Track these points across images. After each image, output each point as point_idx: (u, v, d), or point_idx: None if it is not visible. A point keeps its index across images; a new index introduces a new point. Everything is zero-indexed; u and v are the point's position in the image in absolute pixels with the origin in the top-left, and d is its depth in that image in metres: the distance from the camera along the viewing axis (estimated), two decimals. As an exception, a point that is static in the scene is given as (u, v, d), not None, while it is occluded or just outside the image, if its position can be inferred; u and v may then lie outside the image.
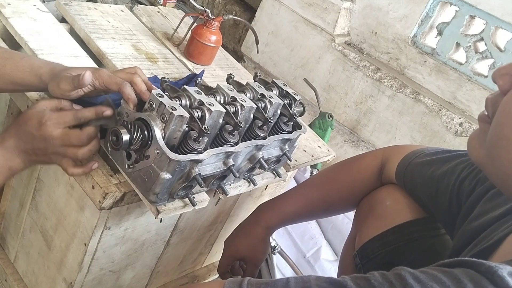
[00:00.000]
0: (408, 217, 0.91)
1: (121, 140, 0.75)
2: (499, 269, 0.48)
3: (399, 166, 0.94)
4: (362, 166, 1.03)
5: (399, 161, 0.94)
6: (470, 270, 0.49)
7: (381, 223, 0.92)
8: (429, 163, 0.89)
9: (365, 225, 0.95)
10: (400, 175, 0.93)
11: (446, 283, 0.48)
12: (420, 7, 1.76)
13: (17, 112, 1.00)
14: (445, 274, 0.49)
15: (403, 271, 0.50)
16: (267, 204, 1.10)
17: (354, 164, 1.06)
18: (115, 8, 1.31)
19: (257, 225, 1.06)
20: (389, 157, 0.99)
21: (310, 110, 2.00)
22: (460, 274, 0.49)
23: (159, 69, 1.16)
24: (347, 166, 1.07)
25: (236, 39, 2.31)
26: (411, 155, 0.94)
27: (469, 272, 0.49)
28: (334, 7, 1.87)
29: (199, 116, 0.80)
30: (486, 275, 0.48)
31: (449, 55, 1.76)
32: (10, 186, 1.10)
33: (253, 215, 1.09)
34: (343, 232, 1.62)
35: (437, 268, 0.51)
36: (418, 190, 0.89)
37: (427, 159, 0.90)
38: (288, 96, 1.00)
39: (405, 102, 1.77)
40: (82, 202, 0.90)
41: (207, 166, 0.83)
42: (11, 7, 1.06)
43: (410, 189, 0.92)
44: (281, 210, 1.06)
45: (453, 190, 0.81)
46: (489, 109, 0.57)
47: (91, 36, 1.12)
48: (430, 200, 0.87)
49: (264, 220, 1.06)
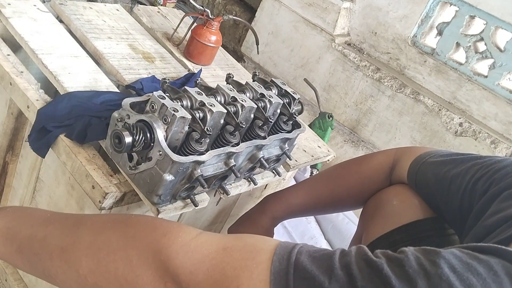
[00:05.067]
0: (415, 216, 0.90)
1: (123, 142, 0.75)
2: None
3: (412, 164, 0.93)
4: (373, 164, 1.03)
5: (412, 160, 0.94)
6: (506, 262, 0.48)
7: (387, 222, 0.91)
8: (443, 163, 0.89)
9: (372, 224, 0.95)
10: (413, 173, 0.93)
11: (482, 275, 0.47)
12: (420, 7, 1.76)
13: (17, 112, 1.00)
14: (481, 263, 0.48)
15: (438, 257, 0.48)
16: (274, 195, 1.09)
17: (365, 161, 1.05)
18: (110, 7, 1.31)
19: (264, 214, 1.06)
20: (401, 157, 0.98)
21: (310, 110, 2.00)
22: (496, 265, 0.48)
23: (157, 69, 1.16)
24: (358, 163, 1.06)
25: (236, 39, 2.31)
26: (425, 155, 0.93)
27: (505, 264, 0.48)
28: (334, 7, 1.87)
29: (200, 117, 0.80)
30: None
31: (449, 55, 1.76)
32: (10, 186, 1.10)
33: (260, 205, 1.09)
34: (343, 232, 1.62)
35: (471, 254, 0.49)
36: (430, 188, 0.89)
37: (441, 159, 0.90)
38: (287, 95, 1.00)
39: (405, 102, 1.77)
40: (82, 202, 0.90)
41: (209, 167, 0.83)
42: (11, 7, 1.06)
43: (422, 187, 0.91)
44: (288, 202, 1.06)
45: (466, 190, 0.81)
46: None
47: (87, 36, 1.12)
48: (441, 199, 0.87)
49: (270, 210, 1.06)
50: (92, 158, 0.87)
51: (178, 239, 0.59)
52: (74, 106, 0.90)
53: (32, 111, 0.92)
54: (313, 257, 0.52)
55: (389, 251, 0.52)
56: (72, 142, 0.87)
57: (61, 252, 0.63)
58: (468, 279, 0.46)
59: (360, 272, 0.49)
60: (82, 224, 0.66)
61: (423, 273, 0.47)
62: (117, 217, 0.68)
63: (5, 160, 1.07)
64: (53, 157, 0.91)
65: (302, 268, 0.51)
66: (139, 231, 0.62)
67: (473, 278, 0.46)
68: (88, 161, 0.85)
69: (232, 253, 0.55)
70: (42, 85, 0.98)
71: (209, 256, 0.56)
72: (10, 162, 1.07)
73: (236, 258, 0.54)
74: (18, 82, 0.95)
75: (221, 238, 0.59)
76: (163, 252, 0.58)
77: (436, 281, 0.46)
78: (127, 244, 0.61)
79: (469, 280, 0.46)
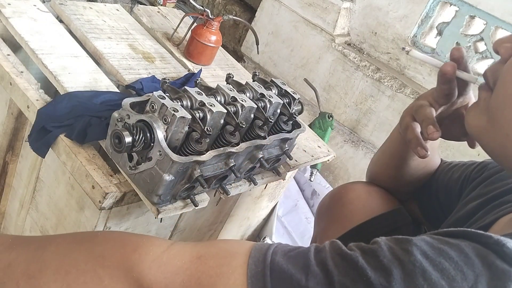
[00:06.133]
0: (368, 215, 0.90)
1: (123, 142, 0.75)
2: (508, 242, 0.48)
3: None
4: None
5: None
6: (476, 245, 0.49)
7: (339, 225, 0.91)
8: None
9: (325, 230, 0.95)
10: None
11: (454, 258, 0.48)
12: (420, 7, 1.76)
13: (17, 112, 1.00)
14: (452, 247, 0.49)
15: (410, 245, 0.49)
16: None
17: None
18: (110, 7, 1.31)
19: None
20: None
21: (310, 110, 2.00)
22: (466, 248, 0.49)
23: (157, 69, 1.16)
24: None
25: (236, 39, 2.31)
26: None
27: (475, 247, 0.49)
28: (334, 7, 1.87)
29: (200, 117, 0.80)
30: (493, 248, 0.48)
31: (449, 55, 1.76)
32: (10, 186, 1.10)
33: None
34: (343, 232, 1.62)
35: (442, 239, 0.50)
36: None
37: None
38: (287, 95, 1.00)
39: (405, 102, 1.77)
40: (82, 202, 0.90)
41: (209, 167, 0.83)
42: (11, 7, 1.06)
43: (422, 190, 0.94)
44: None
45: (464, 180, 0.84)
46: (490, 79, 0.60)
47: (87, 36, 1.12)
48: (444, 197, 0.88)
49: None
50: (92, 158, 0.87)
51: (149, 253, 0.57)
52: (74, 106, 0.90)
53: (32, 111, 0.92)
54: (288, 256, 0.52)
55: (363, 243, 0.52)
56: (72, 142, 0.87)
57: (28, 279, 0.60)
58: (440, 263, 0.47)
59: (336, 266, 0.49)
60: (47, 247, 0.63)
61: (397, 262, 0.48)
62: (82, 236, 0.65)
63: (5, 160, 1.07)
64: (53, 157, 0.91)
65: (278, 268, 0.51)
66: (107, 248, 0.59)
67: (446, 262, 0.47)
68: (88, 161, 0.85)
69: (206, 261, 0.54)
70: (42, 85, 0.98)
71: (183, 267, 0.55)
72: (10, 162, 1.07)
73: (211, 266, 0.53)
74: (18, 82, 0.95)
75: (193, 247, 0.57)
76: (135, 269, 0.56)
77: (410, 268, 0.47)
78: (96, 264, 0.58)
79: (441, 264, 0.47)
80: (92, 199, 0.83)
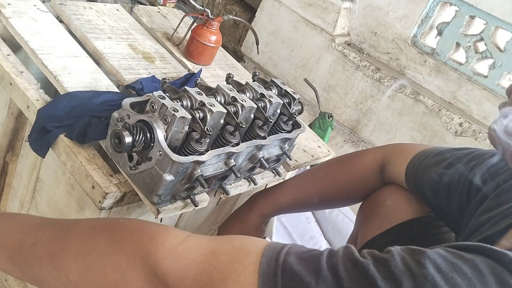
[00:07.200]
0: (409, 215, 0.91)
1: (123, 143, 0.75)
2: None
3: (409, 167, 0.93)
4: (363, 163, 1.03)
5: (408, 162, 0.94)
6: (491, 261, 0.48)
7: (382, 222, 0.92)
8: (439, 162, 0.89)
9: (367, 225, 0.96)
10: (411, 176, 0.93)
11: (468, 274, 0.47)
12: (420, 7, 1.76)
13: (17, 112, 1.00)
14: (466, 262, 0.48)
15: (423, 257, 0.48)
16: (262, 192, 1.10)
17: (355, 160, 1.06)
18: (110, 7, 1.31)
19: (251, 212, 1.06)
20: (391, 157, 0.99)
21: (310, 110, 2.00)
22: (481, 264, 0.47)
23: (157, 69, 1.16)
24: (347, 162, 1.07)
25: (236, 39, 2.31)
26: (420, 156, 0.93)
27: (490, 264, 0.48)
28: (334, 7, 1.87)
29: (200, 117, 0.80)
30: (508, 267, 0.47)
31: (449, 55, 1.76)
32: (10, 186, 1.10)
33: (248, 203, 1.09)
34: (343, 232, 1.62)
35: (457, 253, 0.49)
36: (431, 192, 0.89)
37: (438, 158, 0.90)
38: (287, 95, 1.00)
39: (405, 102, 1.77)
40: (82, 202, 0.90)
41: (209, 167, 0.83)
42: (11, 7, 1.06)
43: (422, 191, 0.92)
44: (277, 200, 1.06)
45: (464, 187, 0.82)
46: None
47: (87, 36, 1.12)
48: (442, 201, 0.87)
49: (258, 208, 1.06)
50: (92, 158, 0.87)
51: (165, 243, 0.58)
52: (74, 106, 0.90)
53: (32, 111, 0.92)
54: (301, 258, 0.52)
55: (376, 251, 0.52)
56: (72, 142, 0.87)
57: (51, 258, 0.63)
58: (453, 278, 0.46)
59: (346, 272, 0.49)
60: (71, 229, 0.66)
61: (409, 274, 0.47)
62: (105, 222, 0.68)
63: (5, 160, 1.07)
64: (53, 157, 0.91)
65: (290, 269, 0.51)
66: (127, 235, 0.62)
67: (458, 278, 0.46)
68: (88, 161, 0.85)
69: (219, 256, 0.55)
70: (42, 85, 0.98)
71: (197, 260, 0.56)
72: (10, 162, 1.07)
73: (223, 262, 0.54)
74: (18, 82, 0.95)
75: (208, 241, 0.58)
76: (151, 257, 0.58)
77: (421, 281, 0.46)
78: (115, 249, 0.60)
79: (454, 279, 0.46)
80: (92, 199, 0.83)
